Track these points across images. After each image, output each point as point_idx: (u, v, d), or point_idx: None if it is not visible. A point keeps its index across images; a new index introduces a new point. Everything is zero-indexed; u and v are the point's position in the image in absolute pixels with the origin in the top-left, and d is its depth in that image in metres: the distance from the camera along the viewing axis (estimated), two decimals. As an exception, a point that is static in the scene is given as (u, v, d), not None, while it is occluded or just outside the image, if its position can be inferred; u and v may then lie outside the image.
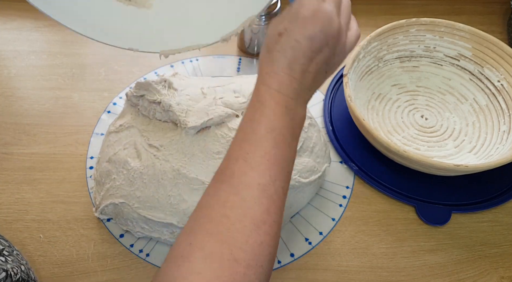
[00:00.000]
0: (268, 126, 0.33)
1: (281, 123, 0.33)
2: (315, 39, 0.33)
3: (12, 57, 0.71)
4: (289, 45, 0.34)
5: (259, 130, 0.33)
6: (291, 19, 0.34)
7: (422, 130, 0.63)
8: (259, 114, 0.33)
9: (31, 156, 0.60)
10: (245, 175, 0.32)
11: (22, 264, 0.44)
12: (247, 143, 0.33)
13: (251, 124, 0.34)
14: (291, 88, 0.34)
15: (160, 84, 0.54)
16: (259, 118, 0.33)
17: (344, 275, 0.51)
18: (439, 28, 0.65)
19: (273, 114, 0.33)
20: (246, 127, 0.34)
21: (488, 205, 0.56)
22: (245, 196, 0.31)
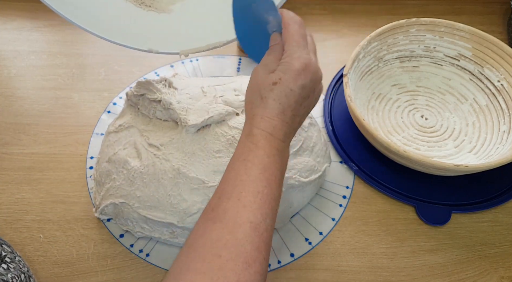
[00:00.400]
0: (262, 167, 0.35)
1: (273, 164, 0.36)
2: (305, 87, 0.37)
3: (12, 57, 0.71)
4: (283, 93, 0.37)
5: (253, 170, 0.35)
6: (285, 70, 0.37)
7: (422, 130, 0.63)
8: (253, 155, 0.36)
9: (31, 156, 0.60)
10: (238, 214, 0.33)
11: (23, 273, 0.44)
12: (240, 183, 0.35)
13: (245, 164, 0.36)
14: (282, 132, 0.37)
15: (161, 83, 0.54)
16: (253, 159, 0.36)
17: (344, 275, 0.51)
18: (439, 28, 0.65)
19: (266, 156, 0.36)
20: (239, 167, 0.36)
21: (488, 205, 0.56)
22: (238, 235, 0.33)
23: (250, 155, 0.36)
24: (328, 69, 0.71)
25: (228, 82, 0.57)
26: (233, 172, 0.36)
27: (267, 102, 0.37)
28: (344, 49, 0.74)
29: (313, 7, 0.79)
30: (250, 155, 0.36)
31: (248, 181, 0.35)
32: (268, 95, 0.37)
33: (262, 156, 0.36)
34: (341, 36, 0.76)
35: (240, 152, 0.37)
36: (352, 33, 0.76)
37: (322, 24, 0.77)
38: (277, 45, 0.39)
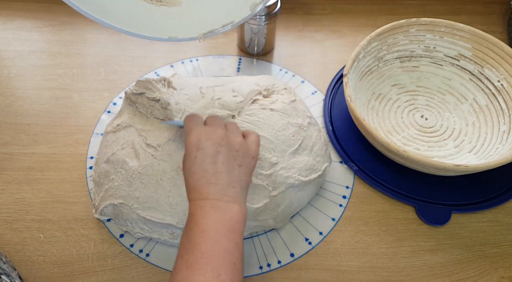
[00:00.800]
0: (200, 229, 0.38)
1: (211, 221, 0.38)
2: (205, 148, 0.41)
3: (12, 57, 0.71)
4: (192, 164, 0.41)
5: (192, 235, 0.38)
6: (186, 147, 0.42)
7: (422, 130, 0.63)
8: (192, 224, 0.39)
9: (31, 156, 0.60)
10: (189, 279, 0.35)
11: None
12: (187, 252, 0.37)
13: (187, 235, 0.38)
14: (211, 192, 0.40)
15: (160, 83, 0.54)
16: (192, 227, 0.39)
17: (344, 275, 0.51)
18: (439, 28, 0.65)
19: (201, 217, 0.39)
20: (184, 240, 0.38)
21: (488, 205, 0.57)
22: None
23: (189, 225, 0.39)
24: (328, 69, 0.71)
25: (227, 83, 0.57)
26: (181, 247, 0.38)
27: (187, 178, 0.42)
28: (344, 49, 0.74)
29: (313, 7, 0.79)
30: (189, 225, 0.39)
31: (191, 247, 0.37)
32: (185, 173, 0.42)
33: (198, 220, 0.38)
34: (341, 36, 0.76)
35: (185, 228, 0.40)
36: (352, 33, 0.76)
37: (322, 24, 0.77)
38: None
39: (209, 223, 0.38)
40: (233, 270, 0.37)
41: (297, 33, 0.76)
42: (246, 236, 0.54)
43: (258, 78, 0.59)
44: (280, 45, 0.74)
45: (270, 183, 0.51)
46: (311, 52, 0.73)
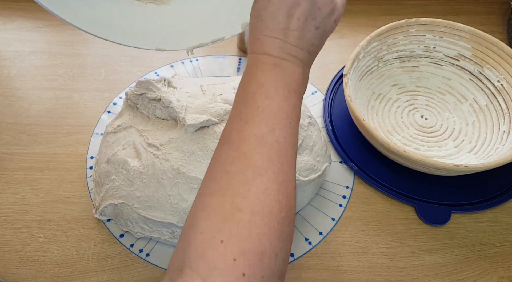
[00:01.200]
0: (257, 84, 0.34)
1: (270, 78, 0.34)
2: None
3: (13, 57, 0.71)
4: (263, 8, 0.35)
5: (249, 88, 0.34)
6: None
7: (422, 130, 0.63)
8: (249, 76, 0.35)
9: (31, 156, 0.60)
10: (241, 131, 0.32)
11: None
12: (240, 103, 0.34)
13: (243, 86, 0.35)
14: (276, 48, 0.35)
15: (160, 83, 0.54)
16: (248, 79, 0.35)
17: (344, 275, 0.51)
18: (439, 28, 0.65)
19: (260, 72, 0.34)
20: (239, 91, 0.35)
21: (488, 205, 0.57)
22: (243, 149, 0.31)
23: (246, 77, 0.35)
24: (328, 69, 0.71)
25: (227, 82, 0.57)
26: (235, 99, 0.35)
27: (253, 23, 0.36)
28: (344, 49, 0.74)
29: (313, 7, 0.79)
30: (246, 77, 0.35)
31: (246, 99, 0.34)
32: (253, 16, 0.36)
33: (256, 73, 0.35)
34: (341, 36, 0.76)
35: (241, 81, 0.36)
36: (352, 33, 0.76)
37: (322, 24, 0.77)
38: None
39: (267, 80, 0.34)
40: (289, 129, 0.34)
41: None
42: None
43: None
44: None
45: (270, 183, 0.51)
46: (311, 52, 0.73)
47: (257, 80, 0.34)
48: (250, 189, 0.30)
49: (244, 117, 0.33)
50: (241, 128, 0.33)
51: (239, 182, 0.30)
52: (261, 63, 0.35)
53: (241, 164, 0.31)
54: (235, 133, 0.33)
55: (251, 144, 0.32)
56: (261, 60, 0.35)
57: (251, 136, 0.32)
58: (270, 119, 0.33)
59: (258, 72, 0.35)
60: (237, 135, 0.33)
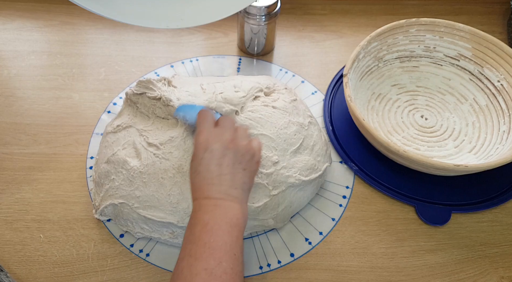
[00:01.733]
0: (202, 223, 0.40)
1: (213, 217, 0.40)
2: (212, 151, 0.43)
3: (12, 57, 0.71)
4: (198, 164, 0.43)
5: (195, 229, 0.40)
6: (195, 147, 0.44)
7: (422, 130, 0.63)
8: (194, 219, 0.41)
9: (31, 156, 0.60)
10: (191, 266, 0.38)
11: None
12: (189, 243, 0.40)
13: (190, 228, 0.41)
14: (214, 192, 0.42)
15: (160, 82, 0.54)
16: (194, 222, 0.41)
17: (344, 275, 0.51)
18: (439, 28, 0.65)
19: (204, 213, 0.41)
20: (187, 234, 0.41)
21: (488, 205, 0.57)
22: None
23: (192, 220, 0.41)
24: (328, 69, 0.71)
25: (228, 80, 0.57)
26: (184, 240, 0.41)
27: (194, 177, 0.43)
28: (344, 49, 0.74)
29: (313, 7, 0.79)
30: (192, 220, 0.41)
31: (193, 239, 0.39)
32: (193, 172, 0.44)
33: (200, 216, 0.41)
34: (341, 36, 0.76)
35: (188, 223, 0.42)
36: (352, 33, 0.76)
37: (322, 24, 0.77)
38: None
39: (210, 219, 0.40)
40: (234, 260, 0.39)
41: (297, 33, 0.76)
42: (246, 236, 0.54)
43: (258, 78, 0.59)
44: (280, 45, 0.74)
45: (270, 182, 0.51)
46: (311, 52, 0.73)
47: (202, 221, 0.40)
48: None
49: (194, 254, 0.38)
50: (191, 264, 0.38)
51: None
52: (203, 206, 0.41)
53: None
54: (186, 270, 0.38)
55: (202, 278, 0.37)
56: (203, 203, 0.41)
57: (201, 270, 0.37)
58: (216, 254, 0.38)
59: (202, 214, 0.41)
60: (188, 271, 0.37)
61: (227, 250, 0.39)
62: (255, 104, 0.54)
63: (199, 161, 0.43)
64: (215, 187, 0.42)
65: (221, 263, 0.38)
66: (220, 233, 0.39)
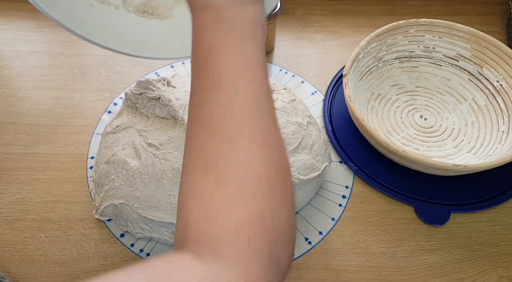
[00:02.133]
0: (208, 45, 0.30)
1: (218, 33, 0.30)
2: None
3: (13, 58, 0.71)
4: None
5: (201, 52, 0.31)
6: None
7: (421, 130, 0.64)
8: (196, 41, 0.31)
9: (32, 156, 0.60)
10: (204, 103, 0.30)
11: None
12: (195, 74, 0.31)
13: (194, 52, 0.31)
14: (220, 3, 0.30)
15: (160, 82, 0.55)
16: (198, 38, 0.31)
17: (344, 274, 0.52)
18: (438, 28, 0.65)
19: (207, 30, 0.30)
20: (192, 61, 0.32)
21: (487, 205, 0.57)
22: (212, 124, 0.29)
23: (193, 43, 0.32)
24: (328, 69, 0.71)
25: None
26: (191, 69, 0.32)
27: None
28: (344, 50, 0.74)
29: (313, 8, 0.79)
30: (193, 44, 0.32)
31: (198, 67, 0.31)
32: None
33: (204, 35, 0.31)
34: (341, 37, 0.76)
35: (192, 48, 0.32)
36: (352, 34, 0.76)
37: (322, 25, 0.77)
38: None
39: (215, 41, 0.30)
40: (253, 84, 0.30)
41: (296, 34, 0.76)
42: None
43: (258, 78, 0.59)
44: (280, 45, 0.74)
45: (270, 182, 0.51)
46: (311, 53, 0.74)
47: (206, 42, 0.30)
48: (230, 159, 0.28)
49: (203, 86, 0.30)
50: (204, 100, 0.30)
51: (215, 157, 0.28)
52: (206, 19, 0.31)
53: (213, 139, 0.28)
54: (199, 109, 0.30)
55: (217, 116, 0.29)
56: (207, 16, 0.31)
57: (214, 108, 0.29)
58: (230, 80, 0.29)
59: (205, 31, 0.31)
60: (200, 110, 0.30)
61: (242, 72, 0.30)
62: (255, 104, 0.54)
63: None
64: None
65: (238, 92, 0.29)
66: (232, 53, 0.30)
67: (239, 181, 0.27)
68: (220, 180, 0.28)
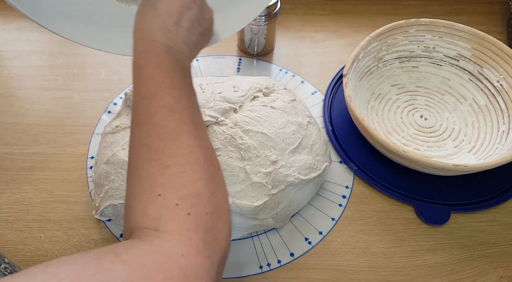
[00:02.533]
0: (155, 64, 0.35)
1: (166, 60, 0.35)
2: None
3: (13, 58, 0.71)
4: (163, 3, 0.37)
5: (147, 69, 0.35)
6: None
7: (422, 130, 0.64)
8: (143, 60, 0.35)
9: (31, 156, 0.60)
10: (148, 107, 0.33)
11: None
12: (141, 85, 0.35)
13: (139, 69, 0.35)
14: (166, 38, 0.36)
15: None
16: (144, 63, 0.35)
17: (344, 274, 0.52)
18: (438, 28, 0.65)
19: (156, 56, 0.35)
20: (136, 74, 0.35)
21: (487, 205, 0.57)
22: (154, 121, 0.32)
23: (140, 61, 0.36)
24: (328, 69, 0.71)
25: (227, 80, 0.57)
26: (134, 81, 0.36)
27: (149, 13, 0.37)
28: (344, 50, 0.74)
29: (313, 8, 0.79)
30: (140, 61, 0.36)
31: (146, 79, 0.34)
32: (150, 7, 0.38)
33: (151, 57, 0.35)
34: (341, 37, 0.76)
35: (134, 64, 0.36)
36: (351, 34, 0.76)
37: (322, 25, 0.77)
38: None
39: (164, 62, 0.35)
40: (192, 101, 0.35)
41: (297, 34, 0.76)
42: (246, 236, 0.54)
43: (257, 78, 0.59)
44: (280, 45, 0.74)
45: (269, 181, 0.51)
46: (311, 53, 0.73)
47: (154, 61, 0.35)
48: (172, 148, 0.31)
49: (148, 95, 0.34)
50: (148, 105, 0.33)
51: (159, 147, 0.31)
52: (154, 48, 0.36)
53: (156, 133, 0.32)
54: (144, 111, 0.33)
55: (161, 114, 0.32)
56: (155, 45, 0.36)
57: (159, 108, 0.33)
58: (175, 92, 0.34)
59: (153, 55, 0.35)
60: (145, 111, 0.33)
61: (184, 91, 0.35)
62: (254, 104, 0.54)
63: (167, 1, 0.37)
64: (170, 34, 0.36)
65: (180, 100, 0.34)
66: (176, 75, 0.35)
67: (181, 165, 0.31)
68: (163, 165, 0.31)
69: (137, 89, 0.35)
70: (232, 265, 0.52)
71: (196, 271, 0.27)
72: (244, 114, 0.53)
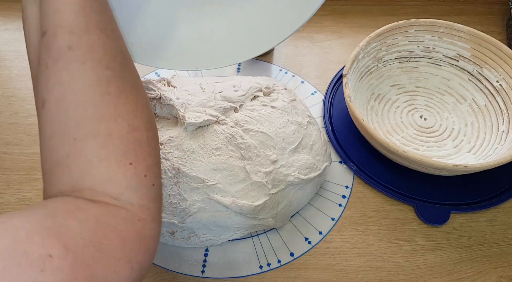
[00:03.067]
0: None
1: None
2: None
3: (13, 58, 0.71)
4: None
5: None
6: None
7: (421, 130, 0.64)
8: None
9: (32, 156, 0.60)
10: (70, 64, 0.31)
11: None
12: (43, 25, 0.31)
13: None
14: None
15: (160, 82, 0.55)
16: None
17: (344, 274, 0.52)
18: (438, 28, 0.65)
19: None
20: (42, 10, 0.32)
21: (487, 205, 0.57)
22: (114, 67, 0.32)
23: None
24: (328, 70, 0.71)
25: (227, 80, 0.57)
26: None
27: None
28: (344, 50, 0.74)
29: (312, 8, 0.79)
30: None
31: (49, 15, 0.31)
32: None
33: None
34: (341, 37, 0.76)
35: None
36: (351, 34, 0.76)
37: (322, 25, 0.77)
38: None
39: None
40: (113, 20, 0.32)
41: (296, 34, 0.76)
42: (246, 236, 0.54)
43: (257, 78, 0.59)
44: (280, 45, 0.74)
45: (269, 180, 0.51)
46: (311, 53, 0.74)
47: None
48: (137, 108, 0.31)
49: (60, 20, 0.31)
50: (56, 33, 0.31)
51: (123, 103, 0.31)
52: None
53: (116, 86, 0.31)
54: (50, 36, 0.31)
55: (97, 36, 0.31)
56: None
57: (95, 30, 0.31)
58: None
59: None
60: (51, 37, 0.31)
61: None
62: (254, 103, 0.54)
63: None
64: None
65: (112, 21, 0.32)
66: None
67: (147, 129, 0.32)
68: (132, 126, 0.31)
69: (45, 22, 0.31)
70: (232, 265, 0.52)
71: (150, 234, 0.30)
72: (245, 113, 0.53)
